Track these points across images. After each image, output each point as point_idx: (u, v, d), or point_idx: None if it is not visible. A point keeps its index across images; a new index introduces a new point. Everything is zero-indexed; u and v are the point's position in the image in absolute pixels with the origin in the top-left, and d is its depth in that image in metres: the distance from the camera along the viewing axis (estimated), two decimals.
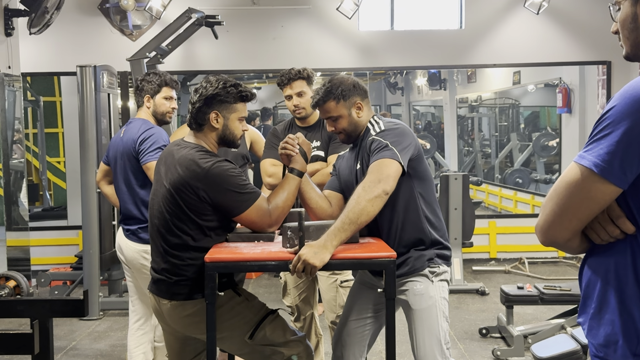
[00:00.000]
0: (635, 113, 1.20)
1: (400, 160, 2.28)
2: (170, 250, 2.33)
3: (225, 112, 2.39)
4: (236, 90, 2.39)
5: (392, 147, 2.30)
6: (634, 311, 1.25)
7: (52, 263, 6.45)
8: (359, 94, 2.52)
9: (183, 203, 2.28)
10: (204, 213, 2.29)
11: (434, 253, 2.45)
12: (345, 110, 2.49)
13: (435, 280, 2.43)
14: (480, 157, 10.64)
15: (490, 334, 4.44)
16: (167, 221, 2.32)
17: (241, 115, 2.43)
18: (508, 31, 6.71)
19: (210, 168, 2.27)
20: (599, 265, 1.32)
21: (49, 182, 8.42)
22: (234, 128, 2.41)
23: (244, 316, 2.38)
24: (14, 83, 5.67)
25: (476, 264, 6.61)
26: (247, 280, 6.14)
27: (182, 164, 2.30)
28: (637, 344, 1.24)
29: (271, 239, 2.40)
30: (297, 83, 3.17)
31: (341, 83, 2.51)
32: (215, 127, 2.38)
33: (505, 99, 10.63)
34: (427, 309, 2.40)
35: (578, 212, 1.28)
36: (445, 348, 2.39)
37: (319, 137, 3.20)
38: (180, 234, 2.30)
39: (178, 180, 2.28)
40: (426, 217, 2.44)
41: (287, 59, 6.18)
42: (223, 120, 2.38)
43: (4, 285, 3.76)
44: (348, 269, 3.03)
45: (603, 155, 1.22)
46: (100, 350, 4.37)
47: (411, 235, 2.42)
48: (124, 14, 6.36)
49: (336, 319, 3.16)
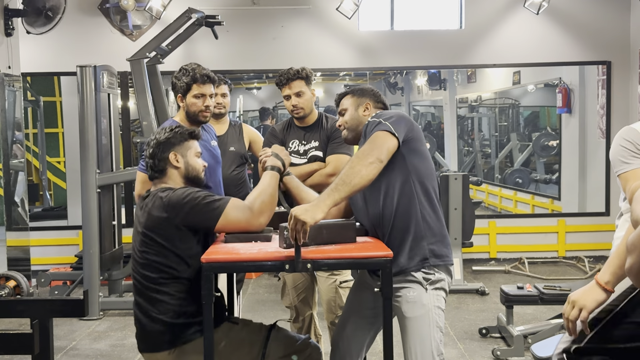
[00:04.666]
0: None
1: (394, 131, 2.29)
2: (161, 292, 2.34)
3: (182, 149, 2.50)
4: (180, 130, 2.53)
5: (385, 122, 2.32)
6: None
7: (52, 263, 6.45)
8: (373, 99, 2.61)
9: (163, 240, 2.32)
10: (185, 241, 2.32)
11: (429, 250, 2.36)
12: (353, 106, 2.59)
13: (430, 289, 2.35)
14: (480, 157, 10.63)
15: (490, 334, 4.44)
16: (148, 265, 2.35)
17: (196, 151, 2.55)
18: (508, 31, 6.71)
19: (171, 196, 2.33)
20: None
21: (49, 182, 8.42)
22: (193, 162, 2.52)
23: (249, 341, 2.39)
24: (14, 83, 5.67)
25: (476, 264, 6.61)
26: (247, 280, 6.14)
27: (150, 205, 2.37)
28: None
29: (268, 239, 2.40)
30: (295, 83, 3.16)
31: (361, 87, 2.66)
32: (177, 167, 2.48)
33: (505, 99, 10.62)
34: (420, 317, 2.33)
35: None
36: (439, 359, 2.33)
37: (317, 137, 3.20)
38: (162, 280, 2.33)
39: (151, 221, 2.33)
40: (421, 204, 2.37)
41: (287, 59, 6.18)
42: (183, 159, 2.49)
43: (4, 285, 3.76)
44: (344, 268, 3.02)
45: None
46: (100, 350, 4.37)
47: (404, 222, 2.36)
48: (124, 14, 6.36)
49: (335, 320, 3.17)
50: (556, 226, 6.86)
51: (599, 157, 6.95)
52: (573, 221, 6.89)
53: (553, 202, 8.22)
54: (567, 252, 6.83)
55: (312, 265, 2.15)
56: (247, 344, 2.38)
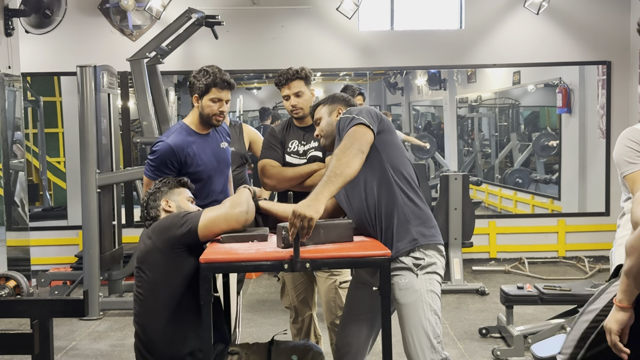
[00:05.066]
0: None
1: (368, 124, 2.38)
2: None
3: (173, 195, 2.60)
4: (175, 181, 2.65)
5: (357, 116, 2.40)
6: None
7: (52, 263, 6.45)
8: (344, 104, 2.76)
9: (165, 261, 2.36)
10: (181, 255, 2.36)
11: (416, 232, 2.43)
12: (327, 113, 2.75)
13: (421, 274, 2.40)
14: (480, 157, 10.63)
15: (490, 334, 4.44)
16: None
17: (187, 196, 2.64)
18: (508, 31, 6.71)
19: (150, 226, 2.47)
20: None
21: (49, 182, 8.42)
22: (184, 205, 2.59)
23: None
24: (14, 83, 5.67)
25: (476, 264, 6.61)
26: (247, 280, 6.14)
27: (141, 240, 2.48)
28: None
29: (265, 238, 2.40)
30: (295, 83, 3.16)
31: (332, 95, 2.83)
32: (169, 211, 2.56)
33: (505, 99, 10.61)
34: (413, 303, 2.39)
35: None
36: (436, 342, 2.36)
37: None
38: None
39: (145, 250, 2.40)
40: (401, 189, 2.46)
41: (287, 59, 6.18)
42: (174, 203, 2.58)
43: (4, 285, 3.76)
44: (343, 267, 3.01)
45: None
46: (100, 350, 4.37)
47: (388, 209, 2.44)
48: (124, 14, 6.36)
49: (336, 320, 3.16)
50: (556, 226, 6.86)
51: (599, 157, 6.95)
52: (573, 221, 6.89)
53: (553, 202, 8.22)
54: (567, 252, 6.83)
55: (311, 264, 2.15)
56: None
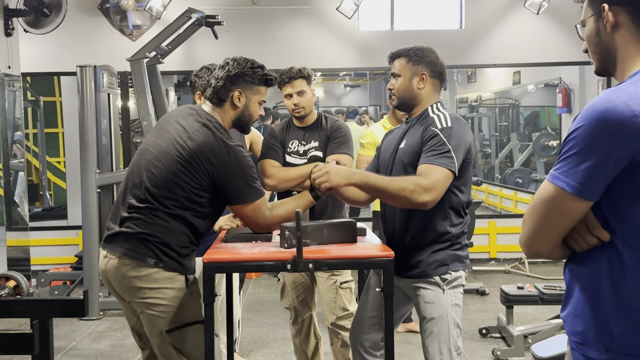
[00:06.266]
0: (599, 133, 1.28)
1: (455, 170, 2.26)
2: (150, 205, 2.27)
3: (249, 92, 2.42)
4: (262, 72, 2.43)
5: (451, 153, 2.25)
6: (609, 314, 1.34)
7: (52, 263, 6.45)
8: (430, 69, 2.47)
9: (188, 170, 2.26)
10: (202, 189, 2.28)
11: (450, 256, 2.38)
12: (408, 73, 2.47)
13: (447, 289, 2.38)
14: (480, 157, 10.64)
15: (490, 334, 4.44)
16: (163, 179, 2.27)
17: (262, 98, 2.48)
18: (508, 31, 6.71)
19: (230, 149, 2.28)
20: (579, 270, 1.42)
21: (49, 182, 8.43)
22: (253, 110, 2.45)
23: (179, 309, 2.31)
24: (14, 83, 5.67)
25: (476, 264, 6.61)
26: (247, 280, 6.14)
27: (200, 132, 2.29)
28: (610, 342, 1.33)
29: (269, 239, 2.40)
30: (297, 82, 3.16)
31: (422, 50, 2.51)
32: (236, 106, 2.41)
33: (505, 99, 10.63)
34: (439, 318, 2.37)
35: (556, 226, 1.38)
36: (456, 355, 2.38)
37: (317, 137, 3.18)
38: (170, 195, 2.27)
39: (194, 147, 2.26)
40: (452, 208, 2.37)
41: (287, 59, 6.15)
42: (245, 100, 2.42)
43: (4, 285, 3.76)
44: (346, 268, 3.02)
45: (574, 174, 1.31)
46: (100, 350, 4.37)
47: (431, 230, 2.37)
48: (124, 14, 6.36)
49: (336, 321, 3.16)
50: None
51: None
52: None
53: None
54: None
55: (314, 265, 2.15)
56: (173, 310, 2.31)
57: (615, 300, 1.33)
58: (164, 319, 2.29)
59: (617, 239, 1.33)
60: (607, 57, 1.43)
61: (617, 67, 1.42)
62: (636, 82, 1.32)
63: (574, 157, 1.31)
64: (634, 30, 1.38)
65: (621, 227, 1.33)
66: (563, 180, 1.32)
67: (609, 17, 1.38)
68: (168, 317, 2.29)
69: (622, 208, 1.32)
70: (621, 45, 1.39)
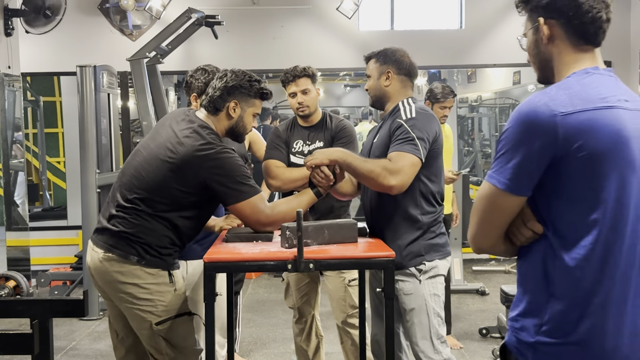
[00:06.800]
0: (522, 133, 1.39)
1: (422, 157, 2.35)
2: (135, 206, 2.34)
3: (244, 104, 2.48)
4: (259, 86, 2.50)
5: (417, 140, 2.35)
6: (540, 302, 1.44)
7: (52, 263, 6.44)
8: (396, 67, 2.60)
9: (177, 175, 2.30)
10: (190, 192, 2.32)
11: (424, 246, 2.44)
12: (376, 72, 2.61)
13: (424, 279, 2.44)
14: (480, 157, 10.63)
15: (490, 334, 4.44)
16: (151, 182, 2.33)
17: (256, 111, 2.54)
18: (508, 31, 6.70)
19: (219, 152, 2.31)
20: (521, 264, 1.52)
21: (49, 182, 8.42)
22: (247, 122, 2.51)
23: (164, 302, 2.35)
24: (14, 83, 5.67)
25: (476, 264, 6.61)
26: (247, 280, 6.14)
27: (191, 137, 2.33)
28: (539, 328, 1.44)
29: (270, 239, 2.40)
30: (302, 80, 3.14)
31: (390, 50, 2.69)
32: (231, 116, 2.46)
33: (505, 99, 10.62)
34: (418, 308, 2.44)
35: (494, 222, 1.48)
36: (439, 342, 2.42)
37: (322, 137, 3.16)
38: (156, 198, 2.33)
39: (183, 152, 2.30)
40: (422, 196, 2.44)
41: (287, 58, 6.15)
42: (240, 112, 2.47)
43: (4, 285, 3.77)
44: (347, 268, 2.99)
45: (503, 172, 1.41)
46: (100, 350, 4.37)
47: (401, 215, 2.44)
48: (124, 14, 6.36)
49: (347, 319, 3.14)
50: None
51: None
52: None
53: None
54: None
55: (314, 265, 2.15)
56: (161, 303, 2.36)
57: (546, 289, 1.42)
58: (151, 313, 2.34)
59: (549, 231, 1.43)
60: (546, 66, 1.55)
61: (554, 75, 1.53)
62: (560, 86, 1.43)
63: (503, 157, 1.41)
64: (567, 41, 1.50)
65: (551, 220, 1.42)
66: (495, 178, 1.42)
67: (544, 30, 1.51)
68: (155, 310, 2.34)
69: (551, 202, 1.42)
70: (556, 55, 1.52)
